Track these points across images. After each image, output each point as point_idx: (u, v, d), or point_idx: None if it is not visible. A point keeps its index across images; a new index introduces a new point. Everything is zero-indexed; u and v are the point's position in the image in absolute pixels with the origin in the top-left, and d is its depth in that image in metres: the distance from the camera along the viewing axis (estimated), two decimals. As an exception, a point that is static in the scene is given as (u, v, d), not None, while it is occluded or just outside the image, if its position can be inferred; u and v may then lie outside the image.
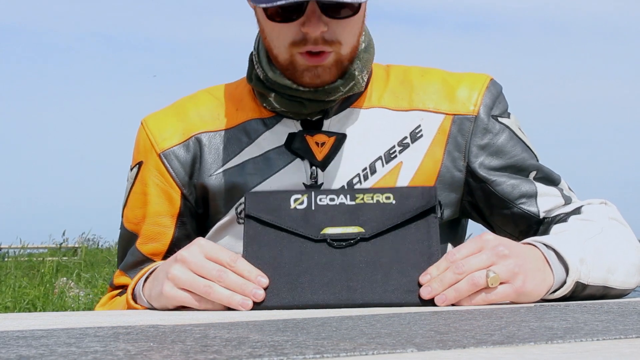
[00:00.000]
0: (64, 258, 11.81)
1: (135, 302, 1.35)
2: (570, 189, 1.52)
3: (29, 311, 7.10)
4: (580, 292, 1.28)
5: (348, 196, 1.27)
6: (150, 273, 1.35)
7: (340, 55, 1.40)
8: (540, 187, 1.47)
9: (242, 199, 1.37)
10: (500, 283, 1.19)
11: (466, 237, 1.58)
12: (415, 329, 0.85)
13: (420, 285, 1.20)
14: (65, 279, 9.56)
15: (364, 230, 1.24)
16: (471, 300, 1.19)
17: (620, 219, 1.45)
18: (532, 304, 1.20)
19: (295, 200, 1.27)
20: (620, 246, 1.36)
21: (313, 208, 1.26)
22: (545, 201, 1.47)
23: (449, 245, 1.51)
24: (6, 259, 12.00)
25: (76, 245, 13.40)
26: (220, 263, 1.21)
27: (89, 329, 0.91)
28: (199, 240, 1.26)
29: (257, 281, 1.21)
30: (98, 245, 14.08)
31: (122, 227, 1.55)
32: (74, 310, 6.97)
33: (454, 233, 1.54)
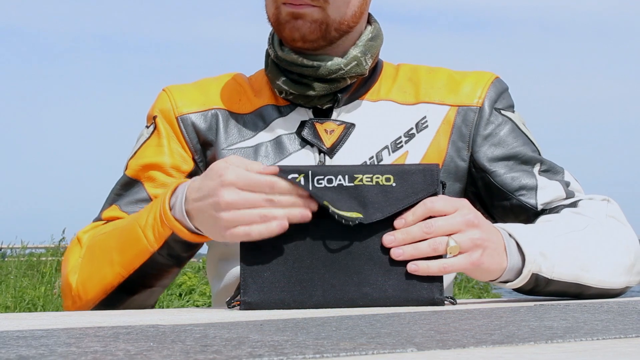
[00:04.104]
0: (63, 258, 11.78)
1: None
2: (576, 180, 1.51)
3: (29, 311, 7.09)
4: (545, 287, 1.29)
5: (347, 177, 1.22)
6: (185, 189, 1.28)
7: (326, 15, 1.42)
8: (542, 181, 1.48)
9: None
10: (460, 253, 1.21)
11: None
12: (415, 328, 0.85)
13: (419, 285, 1.21)
14: (65, 278, 9.54)
15: (362, 216, 1.21)
16: (428, 265, 1.20)
17: (620, 217, 1.44)
18: (532, 304, 1.20)
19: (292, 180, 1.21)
20: (604, 244, 1.35)
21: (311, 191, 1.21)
22: (545, 194, 1.47)
23: None
24: (6, 259, 11.99)
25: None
26: (261, 190, 1.19)
27: (88, 329, 0.91)
28: (232, 158, 1.23)
29: (299, 194, 1.20)
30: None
31: (124, 176, 1.52)
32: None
33: None
